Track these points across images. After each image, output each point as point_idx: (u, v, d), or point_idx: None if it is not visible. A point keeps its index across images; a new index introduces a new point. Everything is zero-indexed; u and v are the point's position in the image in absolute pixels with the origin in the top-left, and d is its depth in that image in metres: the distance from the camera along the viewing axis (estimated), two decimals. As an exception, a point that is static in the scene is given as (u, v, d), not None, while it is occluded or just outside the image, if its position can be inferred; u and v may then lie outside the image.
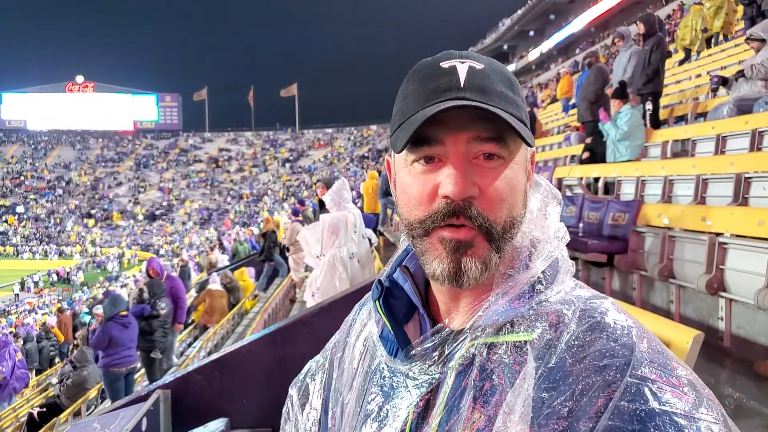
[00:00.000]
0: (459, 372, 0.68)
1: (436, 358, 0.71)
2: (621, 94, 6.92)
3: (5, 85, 75.17)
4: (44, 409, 7.53)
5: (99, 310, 8.33)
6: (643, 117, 7.14)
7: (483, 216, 0.67)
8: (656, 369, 0.58)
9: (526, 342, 0.65)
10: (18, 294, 34.51)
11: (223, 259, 17.45)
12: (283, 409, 0.97)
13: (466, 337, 0.69)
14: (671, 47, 13.40)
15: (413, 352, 0.73)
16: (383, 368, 0.77)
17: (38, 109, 73.51)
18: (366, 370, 0.81)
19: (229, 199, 59.19)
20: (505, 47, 62.97)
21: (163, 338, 7.42)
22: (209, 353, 7.80)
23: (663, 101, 8.28)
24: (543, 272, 0.71)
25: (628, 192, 6.28)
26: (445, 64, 0.70)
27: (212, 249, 20.81)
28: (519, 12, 54.42)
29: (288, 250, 9.32)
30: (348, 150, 65.61)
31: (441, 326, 0.73)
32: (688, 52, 12.09)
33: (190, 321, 10.92)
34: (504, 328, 0.67)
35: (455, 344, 0.70)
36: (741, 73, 6.09)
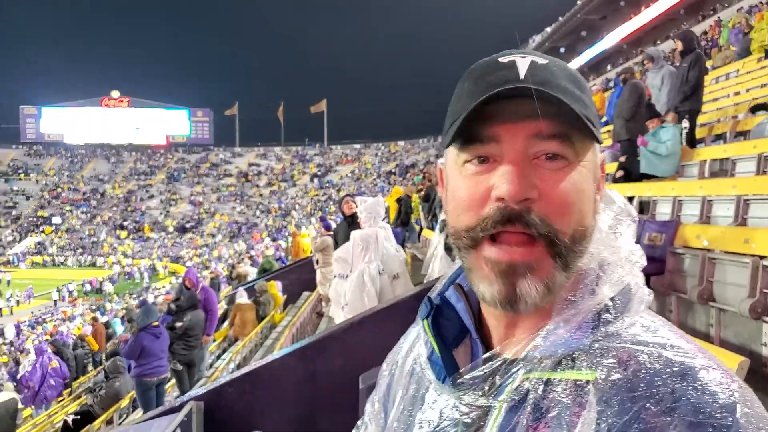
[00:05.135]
0: (510, 407, 0.60)
1: (486, 388, 0.63)
2: (652, 113, 6.85)
3: (44, 99, 77.43)
4: (78, 416, 7.67)
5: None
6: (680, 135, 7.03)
7: (546, 222, 0.58)
8: None
9: (588, 381, 0.56)
10: (56, 301, 35.61)
11: (252, 273, 17.63)
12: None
13: (519, 369, 0.61)
14: (708, 63, 13.18)
15: (461, 379, 0.65)
16: (431, 394, 0.71)
17: (75, 122, 75.63)
18: (413, 395, 0.74)
19: (258, 213, 59.89)
20: (535, 64, 62.69)
21: (185, 351, 7.42)
22: (238, 366, 7.85)
23: (700, 119, 8.13)
24: (612, 300, 0.61)
25: (663, 212, 6.16)
26: (504, 59, 0.62)
27: (240, 262, 21.04)
28: (549, 29, 54.27)
29: (317, 262, 9.38)
30: (375, 166, 65.89)
31: (493, 354, 0.65)
32: None
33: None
34: (564, 362, 0.59)
35: (507, 375, 0.62)
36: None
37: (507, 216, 0.58)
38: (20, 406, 8.98)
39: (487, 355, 0.66)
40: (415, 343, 0.79)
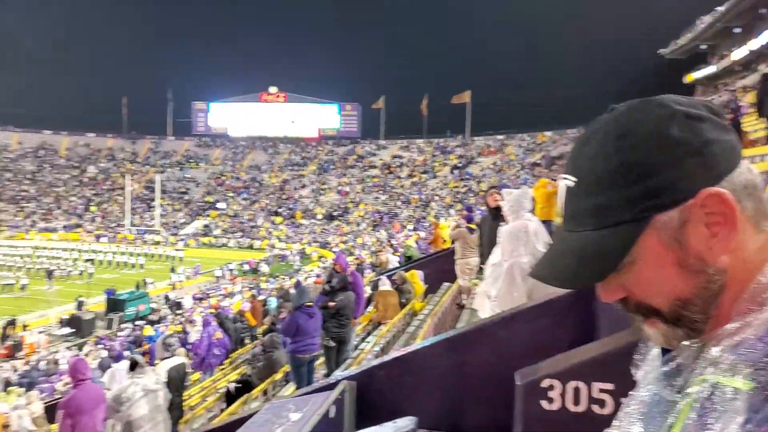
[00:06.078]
0: (688, 405, 0.61)
1: (672, 384, 0.66)
2: None
3: (212, 95, 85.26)
4: (240, 385, 8.42)
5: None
6: None
7: (642, 306, 0.66)
8: None
9: (742, 390, 0.55)
10: (219, 278, 39.65)
11: (393, 260, 18.08)
12: None
13: (696, 368, 0.63)
14: None
15: (662, 370, 0.68)
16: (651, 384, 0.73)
17: (238, 117, 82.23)
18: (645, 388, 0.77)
19: (399, 203, 61.27)
20: (704, 47, 56.79)
21: (336, 329, 7.79)
22: (382, 349, 8.10)
23: None
24: None
25: None
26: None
27: (381, 250, 21.69)
28: (722, 8, 48.65)
29: (455, 254, 9.41)
30: (519, 157, 64.10)
31: (683, 348, 0.67)
32: None
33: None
34: (731, 369, 0.58)
35: (682, 374, 0.65)
36: None
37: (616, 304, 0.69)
38: (189, 370, 10.08)
39: (678, 350, 0.67)
40: None
